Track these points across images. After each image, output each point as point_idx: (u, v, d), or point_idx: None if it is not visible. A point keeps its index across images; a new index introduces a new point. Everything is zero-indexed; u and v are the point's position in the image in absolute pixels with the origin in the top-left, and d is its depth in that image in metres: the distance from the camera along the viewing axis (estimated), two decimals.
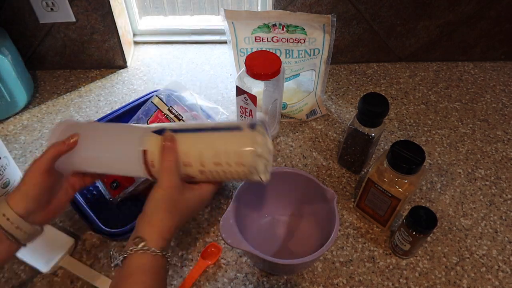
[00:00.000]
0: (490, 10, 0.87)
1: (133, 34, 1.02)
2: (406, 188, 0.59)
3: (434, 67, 0.97)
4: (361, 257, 0.65)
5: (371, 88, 0.92)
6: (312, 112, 0.84)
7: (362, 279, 0.62)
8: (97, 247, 0.65)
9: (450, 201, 0.72)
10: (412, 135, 0.83)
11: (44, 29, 0.87)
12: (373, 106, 0.64)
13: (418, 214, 0.59)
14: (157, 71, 0.95)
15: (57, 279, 0.62)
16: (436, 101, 0.90)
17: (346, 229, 0.68)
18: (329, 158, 0.78)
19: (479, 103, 0.89)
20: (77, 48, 0.91)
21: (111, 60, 0.94)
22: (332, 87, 0.92)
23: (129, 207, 0.70)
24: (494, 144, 0.81)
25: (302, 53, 0.77)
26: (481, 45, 0.95)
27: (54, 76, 0.94)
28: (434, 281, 0.62)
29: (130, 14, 0.97)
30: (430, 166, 0.77)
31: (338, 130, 0.83)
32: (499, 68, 0.97)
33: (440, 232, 0.68)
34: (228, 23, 0.74)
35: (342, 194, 0.73)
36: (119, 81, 0.93)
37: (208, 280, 0.62)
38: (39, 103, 0.88)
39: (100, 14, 0.85)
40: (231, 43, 0.76)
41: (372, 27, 0.90)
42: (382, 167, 0.61)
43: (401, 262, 0.64)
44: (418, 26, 0.90)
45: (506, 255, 0.65)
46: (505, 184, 0.75)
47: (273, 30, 0.74)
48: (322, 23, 0.74)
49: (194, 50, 1.01)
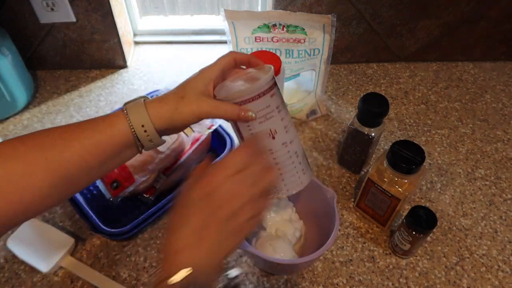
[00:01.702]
0: (490, 10, 0.87)
1: (133, 34, 1.02)
2: (406, 188, 0.59)
3: (434, 67, 0.97)
4: (361, 257, 0.65)
5: (371, 88, 0.92)
6: (312, 112, 0.84)
7: (362, 278, 0.62)
8: (97, 247, 0.65)
9: (450, 201, 0.72)
10: (412, 135, 0.83)
11: (44, 29, 0.87)
12: (373, 106, 0.64)
13: (418, 214, 0.59)
14: (157, 71, 0.95)
15: (57, 279, 0.62)
16: (436, 101, 0.90)
17: (346, 229, 0.68)
18: (329, 158, 0.78)
19: (479, 103, 0.89)
20: (77, 48, 0.91)
21: (111, 60, 0.94)
22: (332, 87, 0.92)
23: (129, 207, 0.70)
24: (494, 144, 0.81)
25: (302, 53, 0.77)
26: (481, 45, 0.95)
27: (54, 76, 0.94)
28: (434, 281, 0.62)
29: (130, 14, 0.97)
30: (430, 166, 0.77)
31: (338, 130, 0.83)
32: (499, 68, 0.97)
33: (440, 232, 0.68)
34: (228, 23, 0.74)
35: (342, 194, 0.73)
36: (119, 81, 0.93)
37: None
38: (39, 103, 0.88)
39: (100, 14, 0.85)
40: (231, 43, 0.76)
41: (372, 27, 0.90)
42: (382, 167, 0.61)
43: (401, 262, 0.64)
44: (418, 26, 0.90)
45: (506, 255, 0.65)
46: (505, 184, 0.75)
47: (273, 30, 0.74)
48: (322, 23, 0.74)
49: (194, 50, 1.01)
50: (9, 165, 0.38)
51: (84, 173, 0.42)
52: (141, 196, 0.70)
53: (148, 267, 0.63)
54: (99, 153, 0.42)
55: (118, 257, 0.64)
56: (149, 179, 0.68)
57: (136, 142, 0.44)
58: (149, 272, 0.63)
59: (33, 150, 0.40)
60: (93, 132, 0.42)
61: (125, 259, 0.64)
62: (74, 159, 0.40)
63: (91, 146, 0.41)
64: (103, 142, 0.42)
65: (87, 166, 0.42)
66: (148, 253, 0.65)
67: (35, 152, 0.39)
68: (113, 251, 0.65)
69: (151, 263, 0.64)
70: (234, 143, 0.74)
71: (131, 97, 0.89)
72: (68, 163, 0.40)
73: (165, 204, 0.66)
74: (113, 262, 0.64)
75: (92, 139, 0.41)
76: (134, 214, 0.69)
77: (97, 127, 0.42)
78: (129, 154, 0.45)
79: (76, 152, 0.41)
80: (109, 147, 0.42)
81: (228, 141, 0.74)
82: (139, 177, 0.67)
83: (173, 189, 0.68)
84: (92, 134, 0.42)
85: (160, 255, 0.43)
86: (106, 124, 0.43)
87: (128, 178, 0.67)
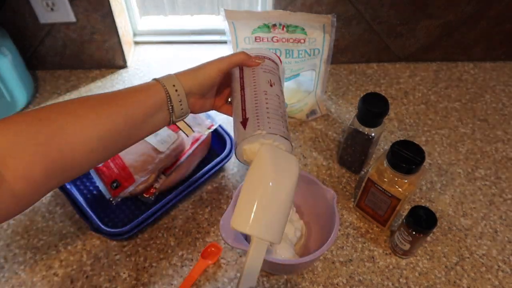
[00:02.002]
0: (490, 10, 0.87)
1: (133, 34, 1.02)
2: (406, 188, 0.59)
3: (434, 67, 0.97)
4: (361, 256, 0.65)
5: (371, 88, 0.92)
6: (312, 112, 0.84)
7: (362, 278, 0.62)
8: (97, 247, 0.65)
9: (450, 201, 0.72)
10: (412, 135, 0.83)
11: (44, 29, 0.87)
12: (373, 106, 0.64)
13: (418, 214, 0.59)
14: (157, 71, 0.95)
15: (57, 279, 0.62)
16: (436, 101, 0.90)
17: (346, 229, 0.68)
18: (329, 158, 0.78)
19: (479, 103, 0.89)
20: (77, 48, 0.91)
21: (111, 60, 0.94)
22: (332, 87, 0.92)
23: (129, 207, 0.70)
24: (494, 144, 0.81)
25: (302, 53, 0.77)
26: (481, 45, 0.95)
27: (54, 76, 0.94)
28: (434, 281, 0.62)
29: (130, 14, 0.97)
30: (430, 166, 0.77)
31: (338, 130, 0.83)
32: (499, 68, 0.97)
33: (440, 232, 0.68)
34: (228, 23, 0.74)
35: (342, 194, 0.73)
36: (119, 81, 0.93)
37: (208, 280, 0.62)
38: (39, 103, 0.88)
39: (100, 14, 0.85)
40: (231, 43, 0.76)
41: (372, 27, 0.90)
42: (382, 167, 0.61)
43: (401, 262, 0.64)
44: (418, 26, 0.90)
45: (506, 255, 0.65)
46: (505, 184, 0.75)
47: (273, 30, 0.74)
48: (322, 23, 0.73)
49: (194, 50, 1.01)
50: (63, 118, 0.41)
51: (125, 131, 0.45)
52: (141, 196, 0.70)
53: (148, 267, 0.63)
54: (139, 111, 0.46)
55: (118, 257, 0.64)
56: (149, 179, 0.68)
57: (168, 103, 0.48)
58: (149, 272, 0.63)
59: (83, 107, 0.43)
60: (134, 92, 0.47)
61: (125, 259, 0.64)
62: (120, 114, 0.44)
63: (133, 104, 0.45)
64: (142, 100, 0.46)
65: (131, 122, 0.45)
66: (148, 253, 0.65)
67: (86, 108, 0.43)
68: (113, 251, 0.65)
69: (151, 263, 0.64)
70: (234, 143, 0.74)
71: None
72: (115, 118, 0.44)
73: (165, 204, 0.66)
74: (113, 262, 0.64)
75: (133, 98, 0.46)
76: (134, 214, 0.69)
77: (136, 88, 0.47)
78: (161, 118, 0.48)
79: (121, 108, 0.44)
80: (146, 107, 0.46)
81: (228, 141, 0.74)
82: (139, 177, 0.67)
83: (173, 189, 0.68)
84: (134, 93, 0.46)
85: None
86: (143, 86, 0.48)
87: (128, 178, 0.67)
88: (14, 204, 0.39)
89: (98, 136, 0.42)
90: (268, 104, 0.49)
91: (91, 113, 0.42)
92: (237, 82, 0.53)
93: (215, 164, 0.70)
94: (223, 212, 0.57)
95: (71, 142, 0.41)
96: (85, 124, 0.42)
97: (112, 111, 0.43)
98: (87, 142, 0.42)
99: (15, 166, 0.37)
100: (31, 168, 0.38)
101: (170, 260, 0.64)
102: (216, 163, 0.70)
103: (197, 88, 0.50)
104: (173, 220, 0.69)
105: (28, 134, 0.39)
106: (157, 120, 0.48)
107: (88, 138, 0.42)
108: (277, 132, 0.46)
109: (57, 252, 0.65)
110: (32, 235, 0.67)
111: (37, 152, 0.39)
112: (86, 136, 0.41)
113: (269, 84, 0.51)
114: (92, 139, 0.42)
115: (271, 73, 0.53)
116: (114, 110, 0.44)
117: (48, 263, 0.64)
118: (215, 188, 0.73)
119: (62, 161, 0.40)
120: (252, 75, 0.52)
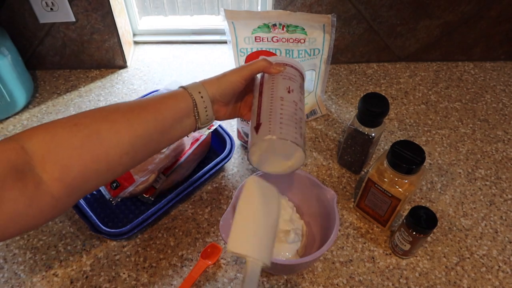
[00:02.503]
0: (490, 10, 0.87)
1: (133, 34, 1.02)
2: (406, 188, 0.59)
3: (434, 67, 0.97)
4: (361, 257, 0.65)
5: (371, 88, 0.92)
6: (312, 112, 0.84)
7: (362, 279, 0.62)
8: (97, 247, 0.65)
9: (450, 201, 0.72)
10: (412, 135, 0.83)
11: (44, 29, 0.87)
12: (373, 106, 0.64)
13: (418, 214, 0.59)
14: (157, 71, 0.95)
15: (57, 279, 0.62)
16: (436, 101, 0.90)
17: (346, 229, 0.68)
18: (329, 158, 0.78)
19: (479, 103, 0.89)
20: (77, 48, 0.91)
21: (111, 60, 0.94)
22: (332, 87, 0.92)
23: (129, 207, 0.70)
24: (494, 144, 0.81)
25: (302, 53, 0.77)
26: (481, 45, 0.95)
27: (54, 76, 0.94)
28: (434, 281, 0.62)
29: (130, 14, 0.97)
30: (430, 166, 0.77)
31: (338, 130, 0.83)
32: (499, 68, 0.97)
33: (440, 232, 0.68)
34: (228, 23, 0.74)
35: (342, 194, 0.73)
36: (119, 81, 0.93)
37: (208, 280, 0.62)
38: (39, 103, 0.88)
39: (100, 14, 0.85)
40: (231, 43, 0.76)
41: (372, 27, 0.90)
42: (382, 167, 0.61)
43: (401, 262, 0.64)
44: (418, 26, 0.90)
45: (506, 255, 0.65)
46: (505, 184, 0.75)
47: (273, 30, 0.74)
48: (322, 23, 0.73)
49: (194, 50, 1.01)
50: (97, 123, 0.43)
51: (155, 136, 0.47)
52: (141, 196, 0.70)
53: (148, 267, 0.63)
54: (168, 117, 0.47)
55: (118, 257, 0.64)
56: (149, 179, 0.68)
57: (194, 109, 0.49)
58: (149, 272, 0.63)
59: (116, 113, 0.45)
60: (163, 99, 0.48)
61: (125, 259, 0.64)
62: (150, 120, 0.46)
63: (162, 110, 0.47)
64: (170, 107, 0.48)
65: (161, 128, 0.47)
66: (148, 253, 0.65)
67: (118, 114, 0.44)
68: (113, 251, 0.65)
69: (151, 264, 0.64)
70: (234, 143, 0.74)
71: (131, 97, 0.89)
72: (145, 123, 0.45)
73: (165, 204, 0.66)
74: (113, 262, 0.64)
75: (162, 104, 0.48)
76: (134, 214, 0.69)
77: (165, 95, 0.49)
78: (188, 124, 0.50)
79: (151, 114, 0.46)
80: (174, 113, 0.48)
81: (228, 141, 0.74)
82: (139, 177, 0.67)
83: (173, 189, 0.68)
84: (163, 100, 0.48)
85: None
86: (171, 94, 0.49)
87: (128, 178, 0.67)
88: (52, 206, 0.40)
89: (130, 141, 0.44)
90: (283, 110, 0.49)
91: (123, 119, 0.44)
92: (256, 89, 0.54)
93: (215, 164, 0.70)
94: (223, 212, 0.57)
95: (105, 146, 0.42)
96: (117, 129, 0.43)
97: (143, 117, 0.45)
98: (120, 146, 0.43)
99: (52, 169, 0.39)
100: (67, 171, 0.40)
101: (170, 260, 0.64)
102: (216, 163, 0.70)
103: (220, 95, 0.51)
104: (173, 220, 0.69)
105: (64, 139, 0.40)
106: (184, 126, 0.50)
107: (121, 143, 0.43)
108: (288, 138, 0.47)
109: (56, 252, 0.65)
110: (31, 235, 0.67)
111: (72, 156, 0.40)
112: (119, 141, 0.43)
113: (287, 90, 0.51)
114: (125, 144, 0.43)
115: (291, 80, 0.53)
116: (144, 116, 0.45)
117: (47, 263, 0.64)
118: (215, 188, 0.73)
119: (96, 165, 0.42)
120: (271, 81, 0.53)
